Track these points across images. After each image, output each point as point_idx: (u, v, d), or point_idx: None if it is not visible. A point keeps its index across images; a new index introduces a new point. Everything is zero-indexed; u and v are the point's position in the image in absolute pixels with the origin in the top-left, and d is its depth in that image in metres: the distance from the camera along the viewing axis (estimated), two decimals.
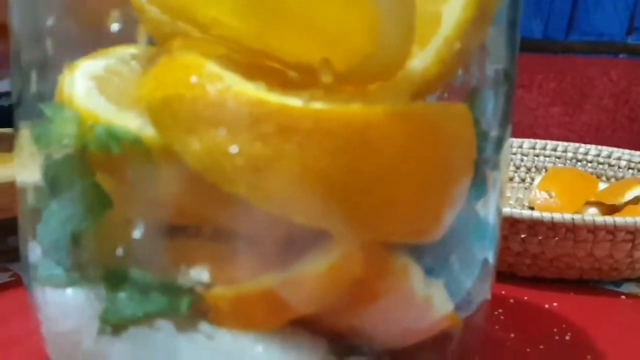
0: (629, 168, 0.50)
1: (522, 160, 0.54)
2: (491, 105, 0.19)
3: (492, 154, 0.19)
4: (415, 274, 0.15)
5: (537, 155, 0.54)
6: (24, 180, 0.19)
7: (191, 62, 0.15)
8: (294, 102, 0.14)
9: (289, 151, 0.13)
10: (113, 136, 0.14)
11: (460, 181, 0.16)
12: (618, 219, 0.30)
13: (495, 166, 0.19)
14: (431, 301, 0.15)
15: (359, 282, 0.14)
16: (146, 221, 0.15)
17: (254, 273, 0.14)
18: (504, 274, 0.34)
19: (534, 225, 0.31)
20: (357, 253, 0.14)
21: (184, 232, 0.15)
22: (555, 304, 0.31)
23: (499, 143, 0.19)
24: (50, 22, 0.16)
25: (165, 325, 0.15)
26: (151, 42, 0.17)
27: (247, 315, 0.14)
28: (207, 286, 0.15)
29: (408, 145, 0.14)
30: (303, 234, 0.14)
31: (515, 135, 1.11)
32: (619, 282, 0.34)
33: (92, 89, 0.17)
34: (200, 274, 0.15)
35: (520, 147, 0.54)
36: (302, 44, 0.16)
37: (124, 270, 0.16)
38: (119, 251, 0.16)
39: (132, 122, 0.16)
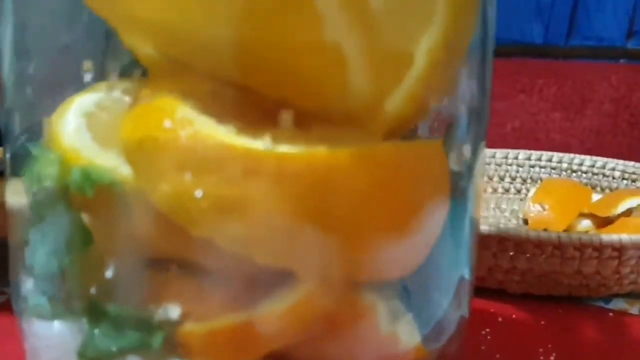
0: (623, 178, 0.50)
1: (517, 171, 0.54)
2: (465, 135, 0.19)
3: (465, 181, 0.20)
4: (381, 309, 0.15)
5: (533, 166, 0.54)
6: (14, 211, 0.19)
7: (166, 105, 0.15)
8: (260, 145, 0.14)
9: (254, 194, 0.14)
10: (88, 179, 0.15)
11: (431, 219, 0.17)
12: (604, 236, 0.31)
13: (469, 189, 0.20)
14: (397, 336, 0.16)
15: (324, 319, 0.15)
16: (122, 257, 0.16)
17: (224, 310, 0.15)
18: (494, 291, 0.34)
19: (521, 243, 0.32)
20: (321, 291, 0.15)
21: (158, 269, 0.16)
22: (542, 322, 0.31)
23: (471, 169, 0.20)
24: (31, 69, 0.17)
25: None
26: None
27: (217, 351, 0.15)
28: (179, 322, 0.15)
29: (371, 187, 0.15)
30: (270, 272, 0.15)
31: (517, 140, 1.12)
32: (608, 299, 0.34)
33: (81, 127, 0.18)
34: (172, 310, 0.15)
35: (516, 158, 0.55)
36: (283, 85, 0.16)
37: (103, 304, 0.16)
38: (98, 285, 0.16)
39: (113, 162, 0.16)
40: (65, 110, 0.18)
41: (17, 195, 0.19)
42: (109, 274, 0.16)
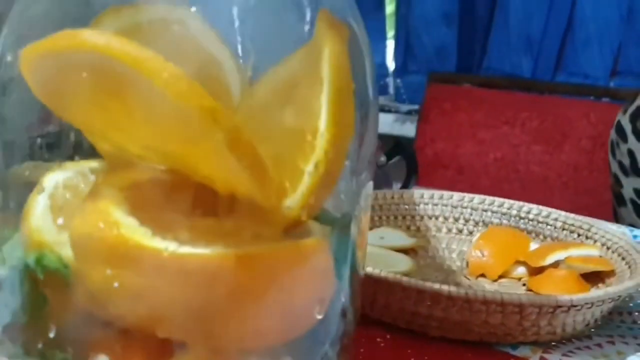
0: (563, 229, 0.54)
1: (471, 214, 0.59)
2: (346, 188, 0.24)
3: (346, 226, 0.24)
4: None
5: (485, 210, 0.59)
6: None
7: (103, 208, 0.20)
8: (167, 246, 0.19)
9: (157, 285, 0.19)
10: (40, 264, 0.20)
11: (314, 305, 0.22)
12: (505, 295, 0.35)
13: (351, 232, 0.24)
14: None
15: None
16: (67, 318, 0.21)
17: None
18: (417, 333, 0.39)
19: (436, 296, 0.36)
20: (205, 356, 0.20)
21: (93, 328, 0.21)
22: None
23: (352, 215, 0.24)
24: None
25: None
26: None
27: None
28: None
29: (252, 284, 0.20)
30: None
31: (498, 169, 1.18)
32: (515, 345, 0.39)
33: (45, 209, 0.23)
34: None
35: (471, 201, 0.59)
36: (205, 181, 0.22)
37: (51, 352, 0.21)
38: (49, 337, 0.21)
39: (64, 244, 0.21)
40: (38, 191, 0.23)
41: None
42: (56, 329, 0.21)
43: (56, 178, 0.24)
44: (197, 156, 0.21)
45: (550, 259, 0.47)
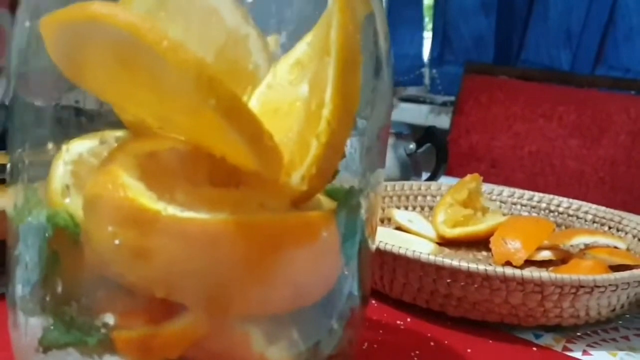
0: (593, 222, 0.53)
1: (500, 206, 0.58)
2: (358, 166, 0.24)
3: (356, 207, 0.24)
4: (254, 335, 0.21)
5: (515, 204, 0.58)
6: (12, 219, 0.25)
7: (113, 171, 0.21)
8: (170, 210, 0.20)
9: (157, 246, 0.19)
10: (51, 221, 0.21)
11: (315, 277, 0.22)
12: (525, 272, 0.35)
13: (359, 213, 0.24)
14: (265, 357, 0.21)
15: (207, 339, 0.20)
16: (75, 277, 0.22)
17: (139, 324, 0.21)
18: (436, 313, 0.38)
19: (455, 273, 0.36)
20: (205, 319, 0.20)
21: (99, 288, 0.21)
22: (470, 350, 0.35)
23: (361, 195, 0.24)
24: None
25: (74, 353, 0.21)
26: None
27: (133, 351, 0.21)
28: (111, 328, 0.21)
29: (248, 249, 0.20)
30: (170, 302, 0.20)
31: (533, 163, 1.16)
32: (539, 334, 0.38)
33: (66, 173, 0.23)
34: (107, 319, 0.21)
35: (500, 194, 0.59)
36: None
37: (60, 309, 0.22)
38: (58, 294, 0.22)
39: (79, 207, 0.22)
40: (60, 157, 0.24)
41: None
42: (66, 287, 0.22)
43: (81, 146, 0.24)
44: (200, 126, 0.21)
45: (575, 241, 0.47)
